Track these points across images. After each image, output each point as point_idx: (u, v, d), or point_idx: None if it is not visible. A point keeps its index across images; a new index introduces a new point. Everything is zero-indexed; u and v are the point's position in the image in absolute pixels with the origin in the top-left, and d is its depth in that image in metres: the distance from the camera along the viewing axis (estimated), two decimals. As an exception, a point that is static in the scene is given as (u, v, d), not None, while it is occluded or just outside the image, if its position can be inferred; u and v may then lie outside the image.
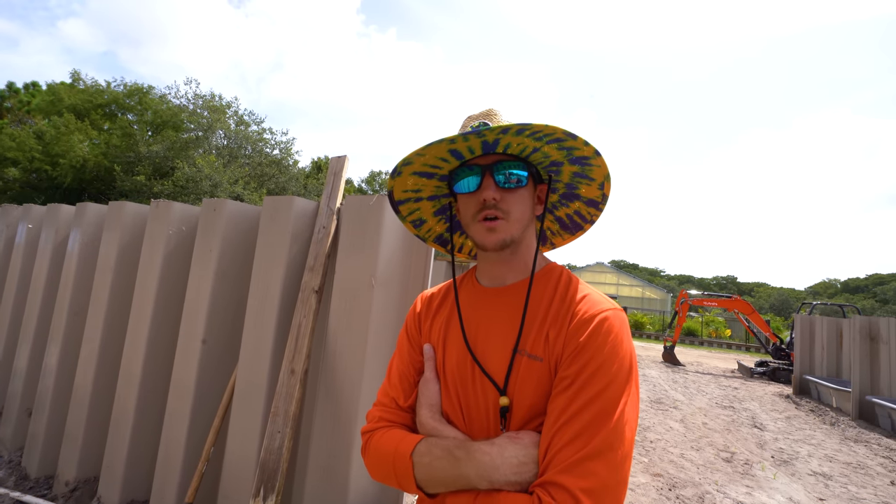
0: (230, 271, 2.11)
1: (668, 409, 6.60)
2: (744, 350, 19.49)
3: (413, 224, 0.95)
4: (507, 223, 0.74)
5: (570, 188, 0.84)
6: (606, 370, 0.64)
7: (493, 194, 0.72)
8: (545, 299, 0.75)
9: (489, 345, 0.75)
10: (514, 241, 0.75)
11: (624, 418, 0.62)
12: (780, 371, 10.62)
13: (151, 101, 18.80)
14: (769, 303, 59.43)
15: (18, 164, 16.19)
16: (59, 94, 18.42)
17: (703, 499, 3.46)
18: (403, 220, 0.93)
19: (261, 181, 18.81)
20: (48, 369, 2.70)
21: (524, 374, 0.71)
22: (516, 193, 0.75)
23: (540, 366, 0.70)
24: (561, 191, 0.85)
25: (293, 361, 1.68)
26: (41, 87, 21.88)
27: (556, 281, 0.77)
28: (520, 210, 0.75)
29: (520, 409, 0.70)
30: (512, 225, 0.74)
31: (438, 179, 0.85)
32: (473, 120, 0.81)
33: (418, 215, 0.93)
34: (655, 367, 11.02)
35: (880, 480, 4.29)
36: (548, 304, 0.74)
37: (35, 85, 23.09)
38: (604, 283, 34.50)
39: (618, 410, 0.62)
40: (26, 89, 22.72)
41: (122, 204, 2.57)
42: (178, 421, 2.02)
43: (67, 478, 2.37)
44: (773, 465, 4.44)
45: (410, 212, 0.92)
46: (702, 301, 12.62)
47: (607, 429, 0.61)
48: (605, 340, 0.66)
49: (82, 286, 2.72)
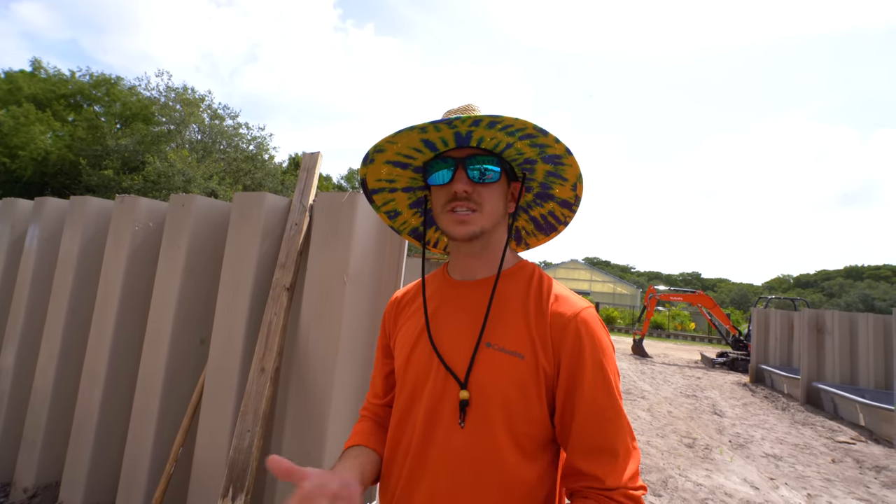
0: (199, 268, 2.08)
1: (636, 398, 6.89)
2: (706, 342, 20.45)
3: (388, 215, 0.93)
4: (479, 215, 0.73)
5: (545, 188, 0.83)
6: (607, 364, 0.69)
7: (465, 187, 0.72)
8: (518, 295, 0.75)
9: (454, 338, 0.75)
10: (484, 234, 0.75)
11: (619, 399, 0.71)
12: (738, 361, 11.24)
13: (120, 92, 17.91)
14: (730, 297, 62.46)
15: (-27, 156, 15.11)
16: (17, 82, 17.26)
17: (666, 483, 3.65)
18: (378, 209, 0.91)
19: (236, 177, 18.23)
20: (4, 371, 2.57)
21: (491, 367, 0.70)
22: (489, 188, 0.74)
23: (520, 362, 0.70)
24: (535, 190, 0.85)
25: (263, 360, 1.69)
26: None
27: (529, 278, 0.78)
28: (492, 204, 0.75)
29: (483, 402, 0.70)
30: (484, 217, 0.74)
31: (413, 171, 0.83)
32: (452, 113, 0.81)
33: (393, 206, 0.91)
34: (625, 360, 11.45)
35: (823, 459, 4.65)
36: (523, 301, 0.74)
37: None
38: (577, 279, 35.37)
39: (620, 400, 0.70)
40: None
41: (85, 199, 2.48)
42: (145, 421, 1.98)
43: (26, 484, 2.28)
44: (730, 449, 4.73)
45: (385, 202, 0.90)
46: (668, 296, 13.19)
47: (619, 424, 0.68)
48: (598, 336, 0.71)
49: (41, 284, 2.61)
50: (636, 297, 33.67)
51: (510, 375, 0.69)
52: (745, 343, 11.62)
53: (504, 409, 0.69)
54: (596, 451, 0.67)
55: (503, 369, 0.69)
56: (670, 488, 3.56)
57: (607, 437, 0.67)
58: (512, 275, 0.78)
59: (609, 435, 0.67)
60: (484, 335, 0.72)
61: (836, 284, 71.64)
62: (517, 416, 0.69)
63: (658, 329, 22.58)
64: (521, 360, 0.69)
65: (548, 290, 0.75)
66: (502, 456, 0.68)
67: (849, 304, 53.12)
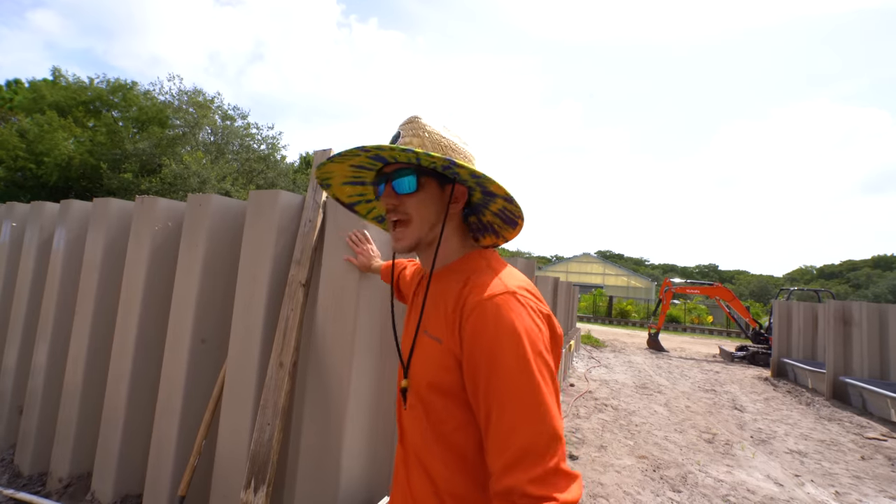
0: (217, 266, 2.13)
1: (653, 393, 6.80)
2: (725, 335, 20.02)
3: (377, 220, 1.03)
4: (408, 229, 0.80)
5: (482, 186, 0.80)
6: (504, 349, 0.65)
7: (392, 200, 0.80)
8: (454, 285, 0.78)
9: (408, 327, 0.88)
10: (421, 243, 0.81)
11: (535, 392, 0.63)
12: (759, 355, 10.96)
13: (136, 97, 18.43)
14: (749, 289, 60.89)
15: (2, 163, 15.77)
16: (40, 91, 18.01)
17: (685, 478, 3.60)
18: (364, 217, 1.01)
19: (249, 177, 18.58)
20: (37, 367, 2.68)
21: (422, 352, 0.77)
22: (414, 197, 0.79)
23: (440, 346, 0.74)
24: (477, 190, 0.83)
25: (281, 354, 1.72)
26: (24, 84, 21.17)
27: (470, 267, 0.80)
28: (420, 213, 0.80)
29: (417, 385, 0.77)
30: (414, 230, 0.80)
31: (372, 184, 0.91)
32: (400, 127, 0.84)
33: (377, 212, 1.01)
34: (640, 354, 11.28)
35: (851, 456, 4.51)
36: (454, 290, 0.77)
37: (18, 82, 22.32)
38: (590, 272, 34.95)
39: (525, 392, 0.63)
40: (9, 87, 21.93)
41: (107, 200, 2.55)
42: (169, 416, 2.04)
43: (61, 474, 2.38)
44: (752, 445, 4.63)
45: (368, 211, 1.00)
46: (684, 289, 12.90)
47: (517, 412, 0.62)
48: (501, 322, 0.67)
49: (69, 284, 2.70)
50: (651, 291, 33.11)
51: (433, 358, 0.75)
52: (766, 336, 11.32)
53: (431, 388, 0.75)
54: (492, 438, 0.64)
55: (428, 353, 0.76)
56: (690, 484, 3.51)
57: (502, 426, 0.63)
58: (456, 267, 0.83)
59: (504, 424, 0.63)
60: (421, 324, 0.80)
61: (863, 275, 69.12)
62: (443, 394, 0.74)
63: (674, 323, 22.19)
64: (439, 344, 0.75)
65: (476, 277, 0.77)
66: (434, 430, 0.75)
67: (877, 295, 51.21)
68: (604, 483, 3.40)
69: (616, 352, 11.30)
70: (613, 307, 23.71)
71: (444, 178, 0.81)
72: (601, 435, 4.54)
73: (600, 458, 3.88)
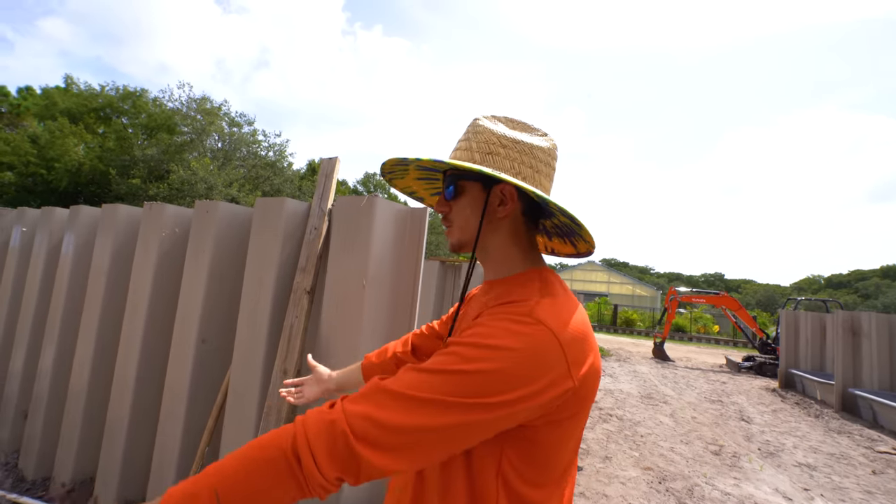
0: (223, 272, 2.14)
1: (659, 403, 6.72)
2: (731, 345, 19.79)
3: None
4: (452, 230, 0.81)
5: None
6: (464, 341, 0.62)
7: (441, 207, 0.83)
8: (491, 297, 0.76)
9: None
10: (463, 245, 0.80)
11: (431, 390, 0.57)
12: (766, 365, 10.83)
13: (145, 104, 18.76)
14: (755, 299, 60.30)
15: (13, 169, 16.05)
16: (53, 98, 18.43)
17: (692, 491, 3.54)
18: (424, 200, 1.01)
19: (255, 183, 18.76)
20: (43, 372, 2.70)
21: None
22: (456, 203, 0.80)
23: None
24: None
25: (286, 361, 1.72)
26: (35, 91, 21.65)
27: (518, 281, 0.75)
28: (461, 218, 0.78)
29: None
30: (454, 232, 0.80)
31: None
32: (466, 129, 0.81)
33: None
34: (646, 363, 11.17)
35: (862, 470, 4.43)
36: (484, 302, 0.76)
37: (29, 89, 22.83)
38: (595, 280, 34.80)
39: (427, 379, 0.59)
40: (20, 93, 22.42)
41: (116, 206, 2.58)
42: (172, 422, 2.04)
43: (64, 479, 2.39)
44: (759, 457, 4.55)
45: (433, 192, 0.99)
46: (690, 298, 12.81)
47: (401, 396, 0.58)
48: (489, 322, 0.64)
49: (76, 289, 2.73)
50: (656, 299, 32.88)
51: None
52: (773, 346, 11.18)
53: None
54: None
55: None
56: (696, 497, 3.45)
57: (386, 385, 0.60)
58: (508, 281, 0.76)
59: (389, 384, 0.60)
60: (451, 334, 0.80)
61: (871, 285, 68.29)
62: None
63: (680, 332, 21.97)
64: None
65: (517, 290, 0.72)
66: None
67: (886, 305, 50.56)
68: (608, 495, 3.35)
69: (621, 361, 11.20)
70: (618, 316, 23.55)
71: (490, 180, 0.76)
72: (606, 445, 4.49)
73: (605, 470, 3.83)
